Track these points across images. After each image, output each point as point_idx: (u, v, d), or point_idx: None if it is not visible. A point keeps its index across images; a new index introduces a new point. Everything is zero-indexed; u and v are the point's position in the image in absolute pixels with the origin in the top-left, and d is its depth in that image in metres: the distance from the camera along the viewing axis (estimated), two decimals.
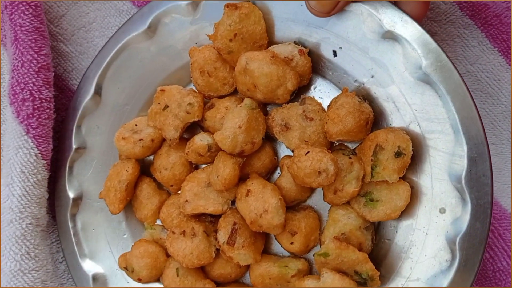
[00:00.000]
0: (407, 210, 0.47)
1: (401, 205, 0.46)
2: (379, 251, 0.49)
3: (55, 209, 0.58)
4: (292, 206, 0.52)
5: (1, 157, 0.57)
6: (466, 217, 0.44)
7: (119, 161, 0.56)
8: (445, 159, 0.45)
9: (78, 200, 0.57)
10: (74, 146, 0.56)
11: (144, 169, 0.57)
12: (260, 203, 0.48)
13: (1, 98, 0.61)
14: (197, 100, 0.52)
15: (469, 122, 0.44)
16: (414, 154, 0.46)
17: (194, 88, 0.54)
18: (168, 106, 0.53)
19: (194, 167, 0.56)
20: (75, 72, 0.62)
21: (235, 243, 0.49)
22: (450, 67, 0.45)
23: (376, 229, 0.50)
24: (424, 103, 0.46)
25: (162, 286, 0.54)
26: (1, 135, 0.60)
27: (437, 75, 0.45)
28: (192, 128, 0.56)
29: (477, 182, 0.44)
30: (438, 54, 0.45)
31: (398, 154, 0.45)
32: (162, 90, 0.53)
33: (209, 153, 0.52)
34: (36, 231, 0.54)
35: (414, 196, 0.47)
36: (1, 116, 0.61)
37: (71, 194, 0.57)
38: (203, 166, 0.55)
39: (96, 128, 0.57)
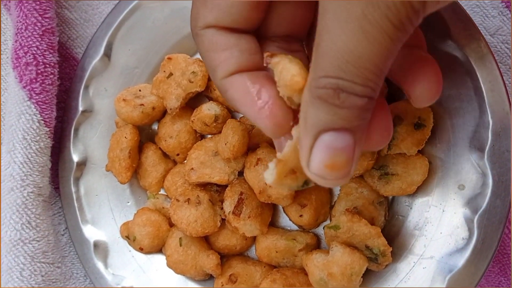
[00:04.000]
0: (423, 186, 0.45)
1: (418, 180, 0.44)
2: (391, 228, 0.47)
3: (58, 180, 0.56)
4: None
5: (2, 123, 0.56)
6: (486, 194, 0.42)
7: (116, 130, 0.54)
8: (467, 132, 0.43)
9: (82, 165, 0.55)
10: (80, 108, 0.55)
11: (150, 139, 0.56)
12: None
13: (3, 65, 0.60)
14: (201, 70, 0.50)
15: (495, 95, 0.42)
16: (434, 126, 0.44)
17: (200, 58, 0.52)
18: (172, 74, 0.51)
19: (199, 137, 0.54)
20: (79, 40, 0.60)
21: (241, 213, 0.47)
22: (478, 37, 0.43)
23: (389, 205, 0.48)
24: (449, 73, 0.43)
25: (164, 257, 0.52)
26: (3, 101, 0.59)
27: (464, 46, 0.43)
28: (201, 102, 0.54)
29: (500, 158, 0.42)
30: (466, 23, 0.43)
31: (418, 126, 0.43)
32: (169, 58, 0.52)
33: (215, 124, 0.50)
34: (37, 200, 0.52)
35: (432, 171, 0.45)
36: (4, 82, 0.60)
37: (75, 158, 0.55)
38: (208, 136, 0.53)
39: (104, 90, 0.55)
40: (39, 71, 0.52)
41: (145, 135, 0.56)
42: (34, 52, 0.52)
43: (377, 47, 0.26)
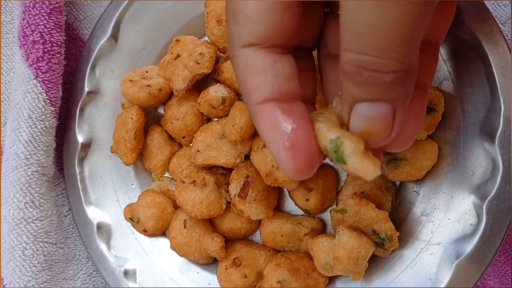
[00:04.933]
0: (432, 171, 0.45)
1: (426, 165, 0.44)
2: (398, 214, 0.47)
3: (62, 161, 0.56)
4: None
5: (7, 102, 0.55)
6: (496, 180, 0.42)
7: (122, 111, 0.53)
8: (478, 118, 0.43)
9: (86, 146, 0.55)
10: (86, 89, 0.54)
11: (156, 122, 0.55)
12: None
13: (9, 45, 0.59)
14: (208, 51, 0.50)
15: (506, 80, 0.41)
16: (444, 111, 0.43)
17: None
18: (179, 56, 0.51)
19: (205, 119, 0.53)
20: (86, 21, 0.60)
21: (247, 196, 0.47)
22: (491, 22, 0.42)
23: (397, 191, 0.48)
24: (461, 58, 0.43)
25: (167, 240, 0.52)
26: (9, 81, 0.58)
27: (477, 30, 0.42)
28: (209, 85, 0.54)
29: (511, 144, 0.41)
30: (479, 8, 0.42)
31: (428, 110, 0.43)
32: (177, 40, 0.51)
33: (222, 106, 0.50)
34: (41, 180, 0.52)
35: (441, 156, 0.44)
36: (10, 61, 0.59)
37: (80, 139, 0.54)
38: (215, 119, 0.53)
39: (111, 72, 0.55)
40: (46, 50, 0.52)
41: (151, 118, 0.55)
42: (41, 30, 0.51)
43: (394, 13, 0.24)
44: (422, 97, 0.32)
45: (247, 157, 0.49)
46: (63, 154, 0.55)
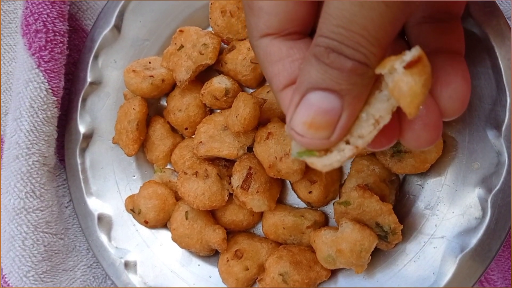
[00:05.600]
0: (436, 164, 0.44)
1: (431, 158, 0.44)
2: (401, 208, 0.47)
3: (63, 152, 0.55)
4: None
5: (9, 91, 0.55)
6: (502, 173, 0.41)
7: (125, 102, 0.53)
8: (484, 110, 0.42)
9: (88, 137, 0.55)
10: (89, 80, 0.54)
11: (159, 113, 0.55)
12: (281, 146, 0.45)
13: (12, 35, 0.59)
14: (212, 42, 0.49)
15: None
16: None
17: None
18: (183, 47, 0.50)
19: (208, 111, 0.53)
20: (89, 12, 0.60)
21: (249, 187, 0.46)
22: (498, 14, 0.42)
23: (401, 184, 0.47)
24: (467, 50, 0.43)
25: (168, 232, 0.52)
26: (11, 71, 0.58)
27: (484, 23, 0.42)
28: (212, 76, 0.53)
29: None
30: (486, 1, 0.42)
31: None
32: (181, 31, 0.51)
33: (225, 98, 0.50)
34: (42, 169, 0.51)
35: (446, 149, 0.44)
36: (12, 51, 0.59)
37: (82, 129, 0.54)
38: (218, 111, 0.52)
39: (113, 62, 0.55)
40: (48, 39, 0.51)
41: (153, 109, 0.55)
42: (44, 19, 0.51)
43: (370, 12, 0.26)
44: (461, 60, 0.34)
45: (250, 149, 0.49)
46: (64, 144, 0.55)
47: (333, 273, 0.47)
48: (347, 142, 0.30)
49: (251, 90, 0.52)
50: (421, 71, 0.27)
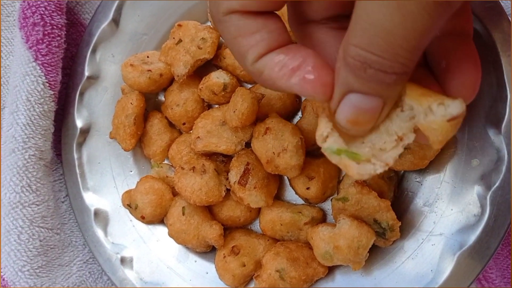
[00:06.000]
0: (435, 161, 0.44)
1: (430, 154, 0.43)
2: (400, 205, 0.46)
3: (60, 147, 0.55)
4: (311, 151, 0.48)
5: (7, 85, 0.54)
6: (501, 170, 0.41)
7: (122, 96, 0.53)
8: (484, 107, 0.42)
9: (85, 131, 0.54)
10: (86, 74, 0.54)
11: (156, 108, 0.55)
12: (279, 141, 0.45)
13: (10, 28, 0.58)
14: (211, 36, 0.49)
15: None
16: None
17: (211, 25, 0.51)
18: (181, 41, 0.50)
19: (206, 106, 0.53)
20: (87, 6, 0.59)
21: (247, 183, 0.46)
22: (499, 10, 0.41)
23: (399, 181, 0.47)
24: None
25: (165, 228, 0.51)
26: (8, 65, 0.58)
27: (485, 17, 0.42)
28: (210, 71, 0.53)
29: None
30: None
31: None
32: (179, 25, 0.51)
33: (223, 93, 0.49)
34: (39, 164, 0.51)
35: (445, 146, 0.42)
36: (10, 44, 0.59)
37: (79, 124, 0.54)
38: (216, 106, 0.52)
39: (111, 56, 0.54)
40: (46, 32, 0.51)
41: (151, 104, 0.55)
42: (42, 12, 0.51)
43: (413, 23, 0.25)
44: (471, 43, 0.33)
45: (248, 145, 0.49)
46: (61, 139, 0.55)
47: (331, 270, 0.47)
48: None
49: (250, 85, 0.52)
50: (458, 122, 0.28)
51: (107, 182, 0.54)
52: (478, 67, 0.33)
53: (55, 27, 0.51)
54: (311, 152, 0.48)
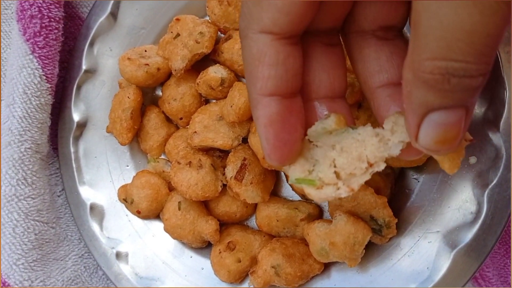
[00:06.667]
0: (432, 158, 0.43)
1: None
2: (397, 202, 0.46)
3: (57, 141, 0.55)
4: None
5: (3, 77, 0.54)
6: (499, 168, 0.41)
7: (119, 90, 0.53)
8: (481, 104, 0.42)
9: (82, 125, 0.54)
10: (84, 67, 0.53)
11: (154, 103, 0.54)
12: None
13: (7, 21, 0.58)
14: (209, 31, 0.49)
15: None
16: None
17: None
18: (179, 35, 0.50)
19: (203, 101, 0.52)
20: None
21: (243, 178, 0.46)
22: None
23: (396, 178, 0.47)
24: None
25: (161, 223, 0.51)
26: (5, 58, 0.57)
27: None
28: (208, 66, 0.53)
29: None
30: None
31: None
32: (177, 19, 0.50)
33: (221, 88, 0.49)
34: (35, 157, 0.51)
35: None
36: (8, 37, 0.58)
37: (76, 117, 0.53)
38: (213, 101, 0.52)
39: (109, 50, 0.54)
40: (43, 25, 0.51)
41: (148, 99, 0.54)
42: (40, 5, 0.51)
43: (492, 17, 0.23)
44: None
45: (245, 140, 0.48)
46: (58, 133, 0.55)
47: (326, 266, 0.47)
48: (337, 176, 0.31)
49: None
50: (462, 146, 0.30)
51: (103, 176, 0.54)
52: None
53: (52, 20, 0.51)
54: None
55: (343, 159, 0.31)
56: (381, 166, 0.31)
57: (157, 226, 0.52)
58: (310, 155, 0.32)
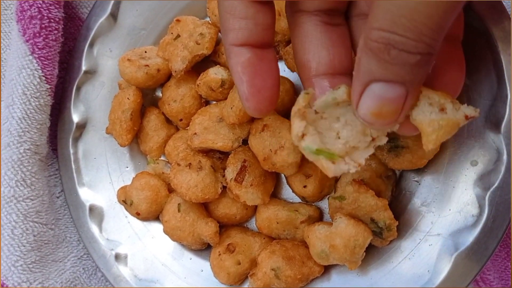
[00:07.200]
0: (434, 161, 0.43)
1: (429, 153, 0.43)
2: (397, 204, 0.46)
3: (56, 142, 0.55)
4: None
5: (3, 78, 0.54)
6: (500, 171, 0.40)
7: (119, 91, 0.52)
8: (484, 106, 0.41)
9: (82, 126, 0.54)
10: (83, 68, 0.53)
11: (153, 104, 0.54)
12: (276, 139, 0.44)
13: (7, 21, 0.58)
14: (209, 32, 0.49)
15: None
16: None
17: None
18: (179, 36, 0.49)
19: (203, 103, 0.52)
20: (85, 0, 0.59)
21: (243, 180, 0.46)
22: (501, 8, 0.41)
23: (397, 181, 0.47)
24: (468, 44, 0.42)
25: (161, 225, 0.51)
26: (5, 58, 0.57)
27: (486, 15, 0.41)
28: (208, 67, 0.53)
29: None
30: None
31: None
32: (178, 20, 0.50)
33: (221, 89, 0.49)
34: (34, 158, 0.51)
35: (443, 145, 0.43)
36: (7, 38, 0.58)
37: (75, 118, 0.53)
38: (213, 103, 0.51)
39: (109, 51, 0.54)
40: (43, 26, 0.50)
41: (148, 100, 0.54)
42: (39, 5, 0.50)
43: (437, 2, 0.25)
44: (458, 47, 0.34)
45: (245, 142, 0.48)
46: (57, 134, 0.54)
47: (327, 269, 0.46)
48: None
49: None
50: (457, 126, 0.30)
51: (103, 177, 0.54)
52: (462, 70, 0.34)
53: (52, 20, 0.51)
54: None
55: (347, 132, 0.32)
56: (383, 140, 0.32)
57: (156, 227, 0.52)
58: (315, 126, 0.32)
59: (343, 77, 0.35)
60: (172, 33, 0.50)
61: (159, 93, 0.54)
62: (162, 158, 0.53)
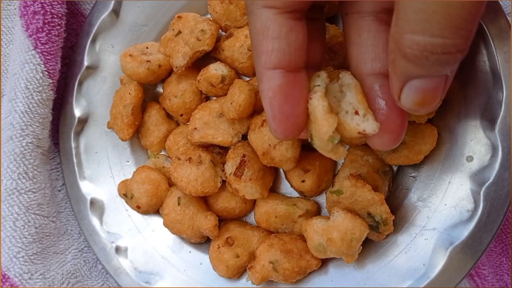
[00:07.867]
0: (430, 156, 0.44)
1: (425, 149, 0.43)
2: (394, 200, 0.46)
3: (58, 136, 0.55)
4: (307, 144, 0.48)
5: (6, 72, 0.54)
6: (495, 166, 0.41)
7: (120, 86, 0.53)
8: (479, 103, 0.42)
9: (83, 121, 0.54)
10: (85, 63, 0.54)
11: (154, 99, 0.55)
12: None
13: (10, 17, 0.59)
14: (210, 28, 0.49)
15: (510, 66, 0.41)
16: (445, 96, 0.43)
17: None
18: (181, 32, 0.50)
19: (204, 98, 0.53)
20: None
21: (242, 175, 0.46)
22: (496, 7, 0.42)
23: (394, 176, 0.47)
24: None
25: (161, 219, 0.51)
26: (8, 53, 0.58)
27: (482, 14, 0.42)
28: (209, 63, 0.53)
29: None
30: None
31: None
32: (179, 17, 0.51)
33: (221, 85, 0.49)
34: (36, 151, 0.51)
35: (440, 141, 0.44)
36: (10, 33, 0.59)
37: (77, 113, 0.54)
38: (213, 98, 0.52)
39: (111, 47, 0.54)
40: (46, 21, 0.51)
41: (149, 95, 0.55)
42: (43, 1, 0.51)
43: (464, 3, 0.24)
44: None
45: (244, 137, 0.49)
46: (59, 128, 0.55)
47: (324, 263, 0.47)
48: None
49: (248, 78, 0.52)
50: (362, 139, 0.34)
51: (104, 171, 0.54)
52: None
53: (55, 16, 0.52)
54: (307, 145, 0.48)
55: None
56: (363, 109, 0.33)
57: (156, 221, 0.52)
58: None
59: (309, 71, 0.36)
60: (173, 29, 0.51)
61: (160, 89, 0.55)
62: (162, 152, 0.54)
